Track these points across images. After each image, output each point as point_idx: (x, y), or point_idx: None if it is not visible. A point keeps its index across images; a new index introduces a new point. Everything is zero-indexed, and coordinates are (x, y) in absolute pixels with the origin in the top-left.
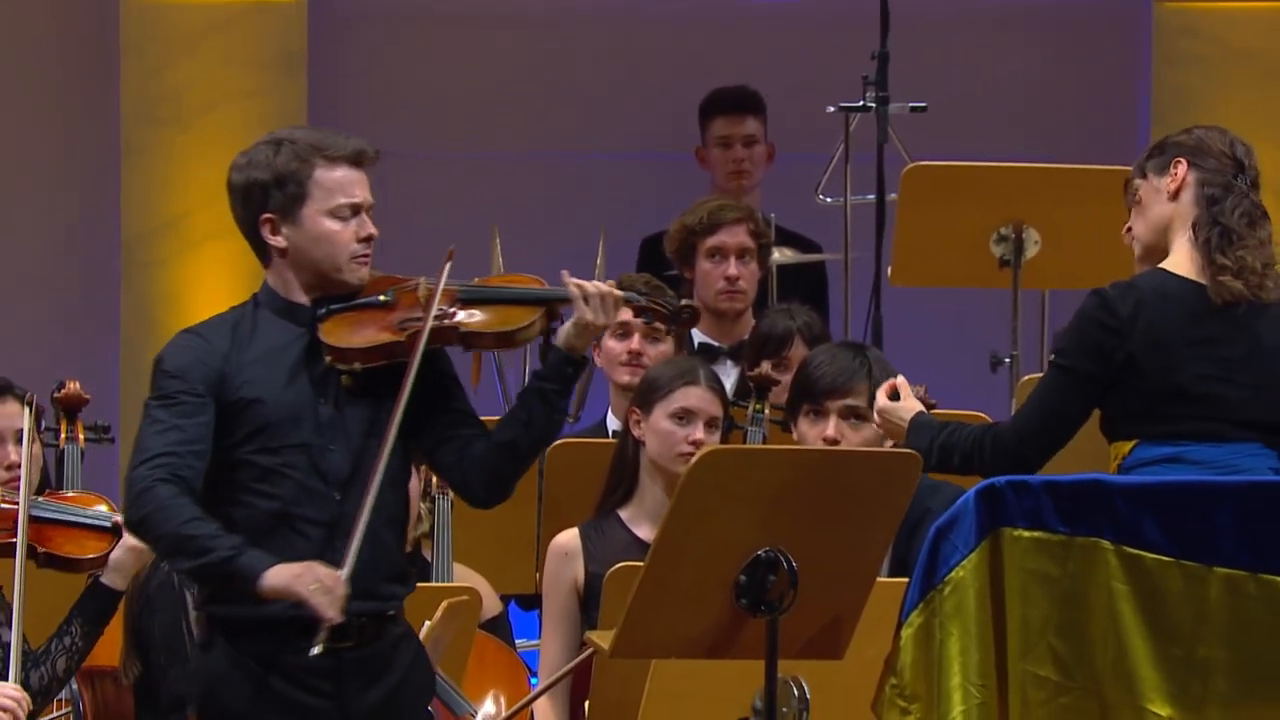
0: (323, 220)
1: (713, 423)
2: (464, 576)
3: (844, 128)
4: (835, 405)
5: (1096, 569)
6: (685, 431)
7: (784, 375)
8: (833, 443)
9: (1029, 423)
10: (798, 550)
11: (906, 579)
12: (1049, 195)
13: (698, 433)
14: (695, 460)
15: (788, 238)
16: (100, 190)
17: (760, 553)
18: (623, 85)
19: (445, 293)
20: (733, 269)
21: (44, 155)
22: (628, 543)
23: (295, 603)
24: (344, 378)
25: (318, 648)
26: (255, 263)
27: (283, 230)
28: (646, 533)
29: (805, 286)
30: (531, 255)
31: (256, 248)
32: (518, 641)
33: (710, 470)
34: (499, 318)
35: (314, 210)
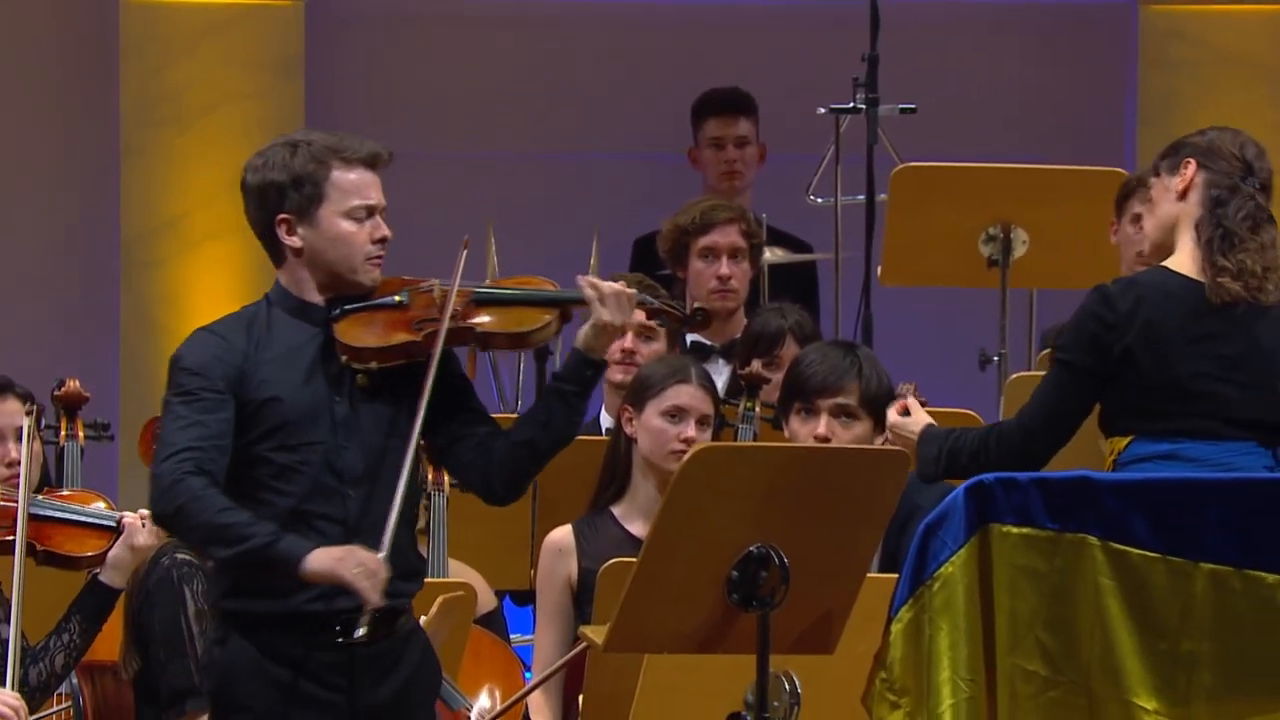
0: (339, 221)
1: (704, 420)
2: (459, 572)
3: (834, 129)
4: (826, 404)
5: (1084, 564)
6: (677, 429)
7: (775, 374)
8: (824, 440)
9: (1032, 419)
10: (789, 546)
11: (896, 574)
12: (1036, 196)
13: (689, 430)
14: (687, 457)
15: (779, 238)
16: (100, 190)
17: (752, 549)
18: (616, 87)
19: (460, 294)
20: (725, 268)
21: (44, 156)
22: (620, 539)
23: (337, 586)
24: (359, 377)
25: (362, 630)
26: (254, 262)
27: (299, 231)
28: (639, 529)
29: (796, 286)
30: (526, 255)
31: (270, 248)
32: (512, 636)
33: (702, 467)
34: (514, 319)
35: (330, 211)
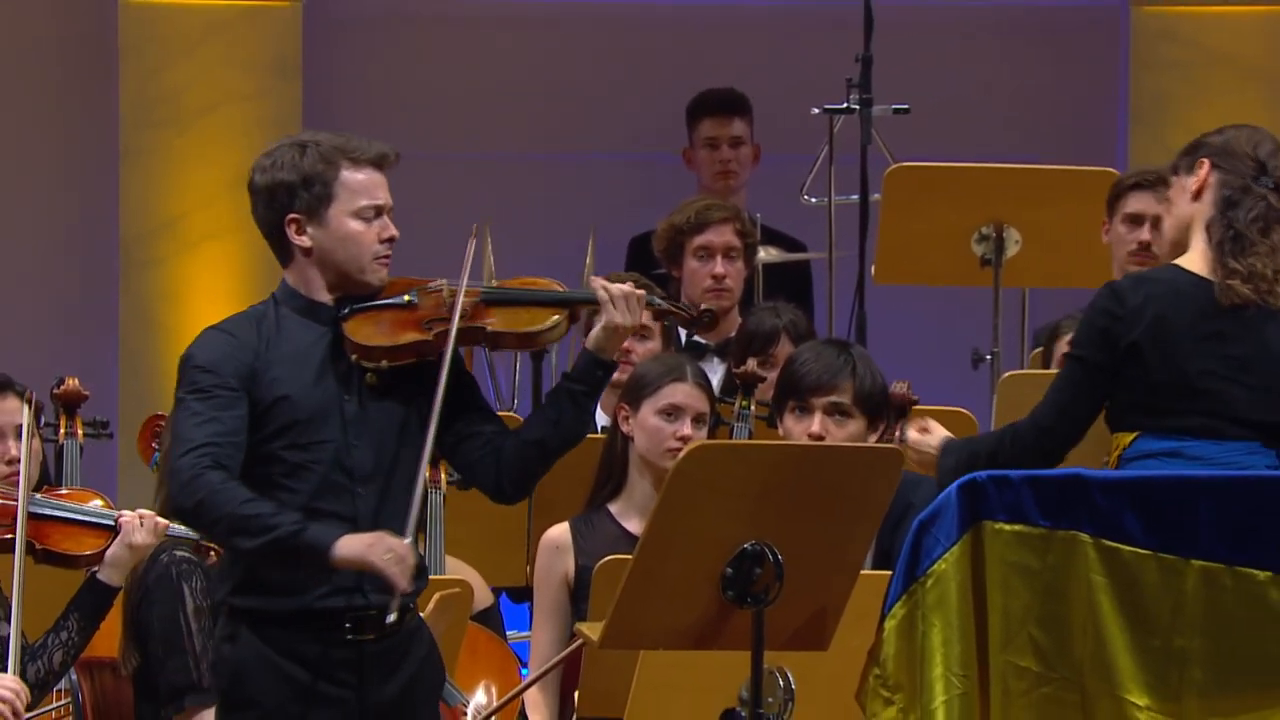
0: (348, 221)
1: (700, 419)
2: (456, 569)
3: (828, 129)
4: (820, 402)
5: (1076, 562)
6: (673, 427)
7: (770, 372)
8: (818, 438)
9: (1045, 417)
10: (783, 543)
11: (890, 571)
12: (1029, 196)
13: (685, 429)
14: (683, 455)
15: (773, 237)
16: (99, 190)
17: (746, 546)
18: (612, 88)
19: (469, 294)
20: (719, 267)
21: (44, 156)
22: (617, 536)
23: (368, 572)
24: (369, 376)
25: (393, 615)
26: (252, 262)
27: (308, 230)
28: (636, 526)
29: (790, 285)
30: (521, 254)
31: (277, 248)
32: (509, 633)
33: (697, 465)
34: (523, 319)
35: (339, 211)
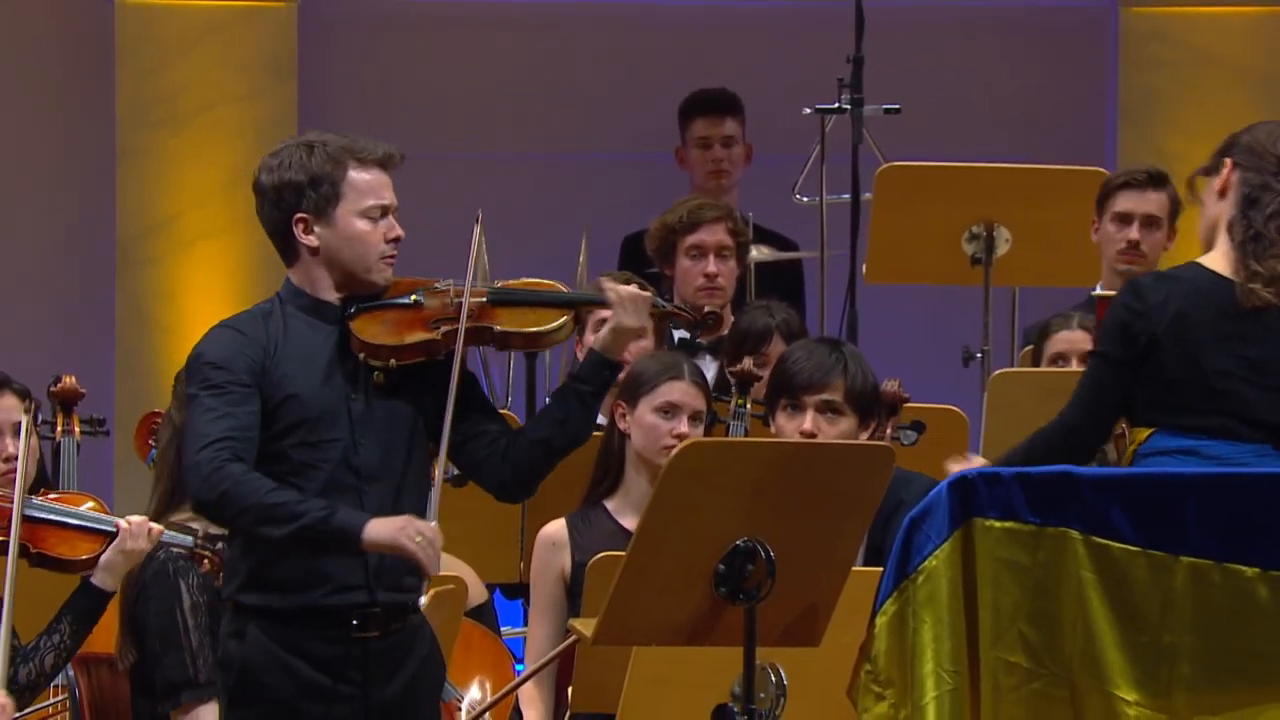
0: (355, 221)
1: (696, 416)
2: (450, 566)
3: (820, 129)
4: (812, 400)
5: (1066, 558)
6: (670, 425)
7: (764, 371)
8: (810, 436)
9: (1072, 413)
10: (775, 540)
11: (881, 568)
12: (1019, 195)
13: (682, 426)
14: (676, 452)
15: (765, 236)
16: (96, 190)
17: (739, 542)
18: (604, 88)
19: (476, 294)
20: (712, 266)
21: (42, 156)
22: (613, 532)
23: (397, 555)
24: (376, 375)
25: (425, 598)
26: (247, 261)
27: (315, 230)
28: (632, 523)
29: (782, 284)
30: (515, 253)
31: (283, 247)
32: (503, 629)
33: (690, 462)
34: (531, 319)
35: (346, 211)
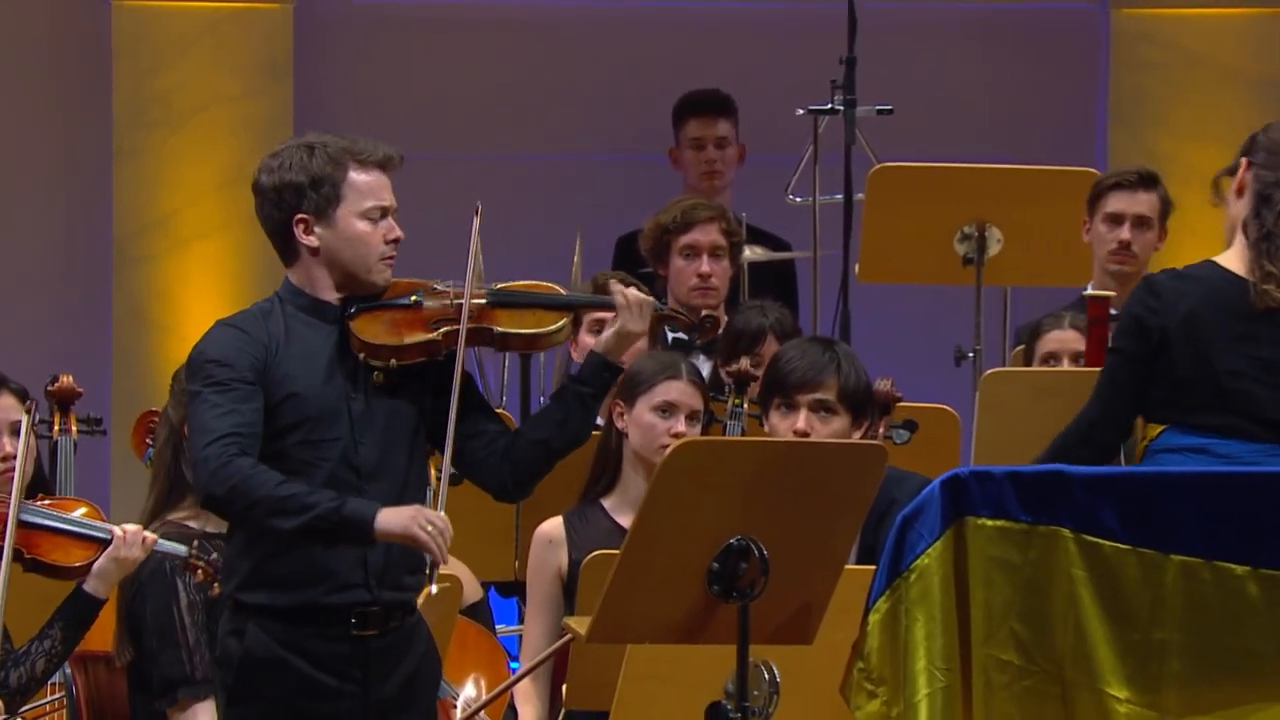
0: (355, 222)
1: (694, 416)
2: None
3: (813, 130)
4: (805, 399)
5: (1057, 556)
6: (667, 424)
7: (760, 371)
8: (803, 435)
9: (1091, 410)
10: (769, 538)
11: (874, 566)
12: (1011, 195)
13: (679, 425)
14: (670, 451)
15: (758, 236)
16: (93, 190)
17: (732, 541)
18: (598, 88)
19: (477, 295)
20: (705, 266)
21: (40, 156)
22: (610, 530)
23: (409, 544)
24: (376, 374)
25: (435, 587)
26: (242, 259)
27: (316, 230)
28: (628, 521)
29: (775, 284)
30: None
31: (282, 247)
32: (497, 627)
33: (684, 460)
34: (530, 321)
35: (347, 212)
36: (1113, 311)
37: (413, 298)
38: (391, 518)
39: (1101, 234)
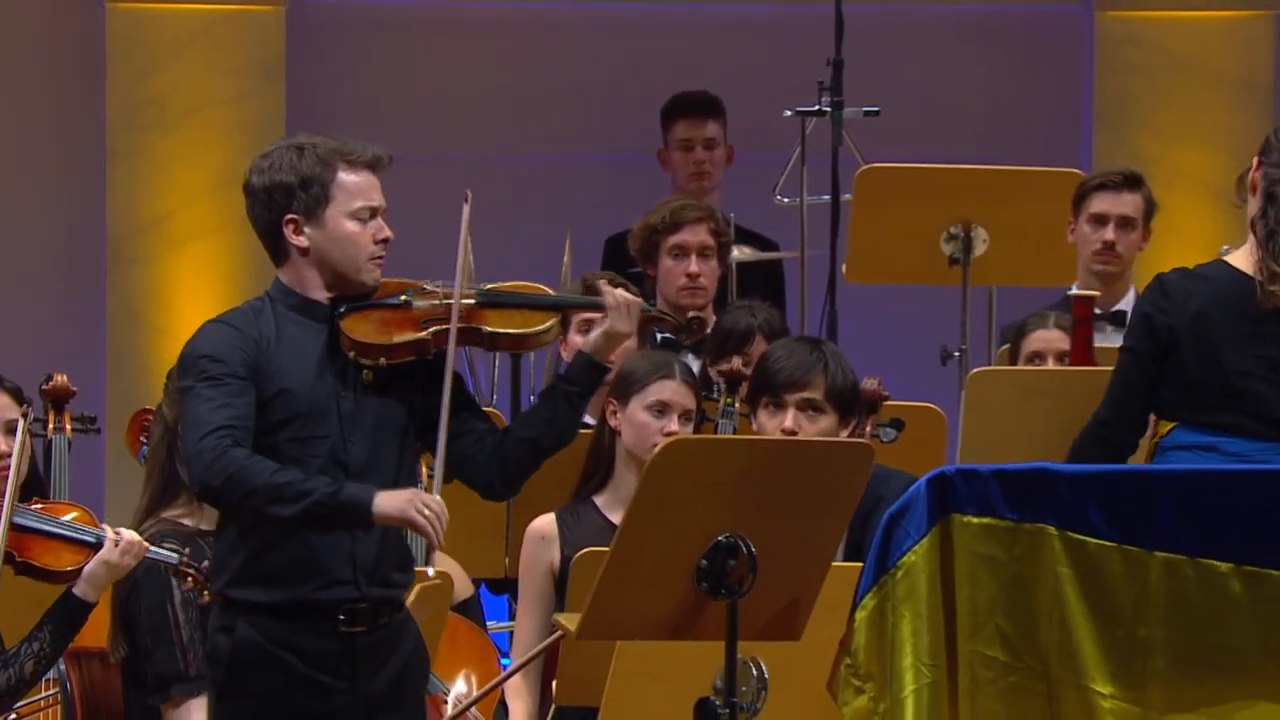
0: (344, 222)
1: (687, 415)
2: (436, 560)
3: (800, 131)
4: (793, 398)
5: (1042, 554)
6: (660, 423)
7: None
8: (791, 433)
9: (1104, 410)
10: (757, 536)
11: (861, 563)
12: (996, 196)
13: (672, 424)
14: (659, 449)
15: (746, 236)
16: (87, 191)
17: (721, 538)
18: (589, 90)
19: (467, 295)
20: (694, 266)
21: (34, 157)
22: (602, 528)
23: (405, 528)
24: (366, 373)
25: (431, 570)
26: (235, 260)
27: (305, 231)
28: (620, 519)
29: (763, 284)
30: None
31: (272, 247)
32: (488, 623)
33: (673, 458)
34: (518, 321)
35: (336, 212)
36: (1096, 311)
37: (402, 297)
38: (389, 501)
39: (1086, 234)
